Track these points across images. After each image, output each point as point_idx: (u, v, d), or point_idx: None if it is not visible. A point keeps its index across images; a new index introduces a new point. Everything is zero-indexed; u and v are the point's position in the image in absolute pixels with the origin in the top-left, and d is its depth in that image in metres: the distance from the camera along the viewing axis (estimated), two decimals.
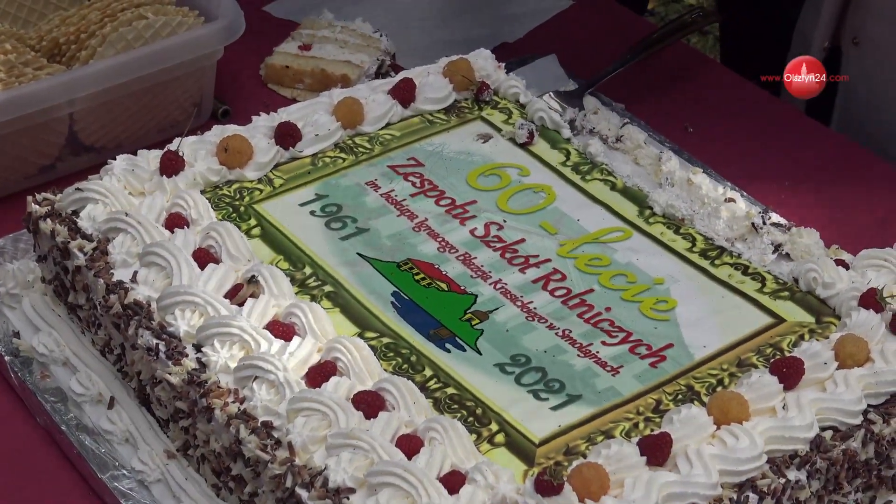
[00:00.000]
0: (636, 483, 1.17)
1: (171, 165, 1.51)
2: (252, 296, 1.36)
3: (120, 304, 1.36)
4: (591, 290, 1.42)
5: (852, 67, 1.92)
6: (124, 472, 1.33)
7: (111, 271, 1.39)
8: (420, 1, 1.99)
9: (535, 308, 1.40)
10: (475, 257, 1.46)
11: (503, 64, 1.73)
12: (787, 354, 1.31)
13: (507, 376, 1.32)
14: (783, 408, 1.24)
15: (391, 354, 1.34)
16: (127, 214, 1.43)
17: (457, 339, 1.37)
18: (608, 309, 1.40)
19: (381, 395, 1.26)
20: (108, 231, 1.43)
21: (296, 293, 1.39)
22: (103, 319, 1.40)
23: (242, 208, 1.51)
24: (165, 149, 1.52)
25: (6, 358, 1.45)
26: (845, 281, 1.41)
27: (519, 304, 1.40)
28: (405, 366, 1.33)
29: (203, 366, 1.30)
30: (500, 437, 1.27)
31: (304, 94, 1.78)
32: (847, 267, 1.43)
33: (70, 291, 1.45)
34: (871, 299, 1.35)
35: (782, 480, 1.21)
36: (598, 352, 1.35)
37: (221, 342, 1.31)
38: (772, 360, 1.30)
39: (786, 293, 1.42)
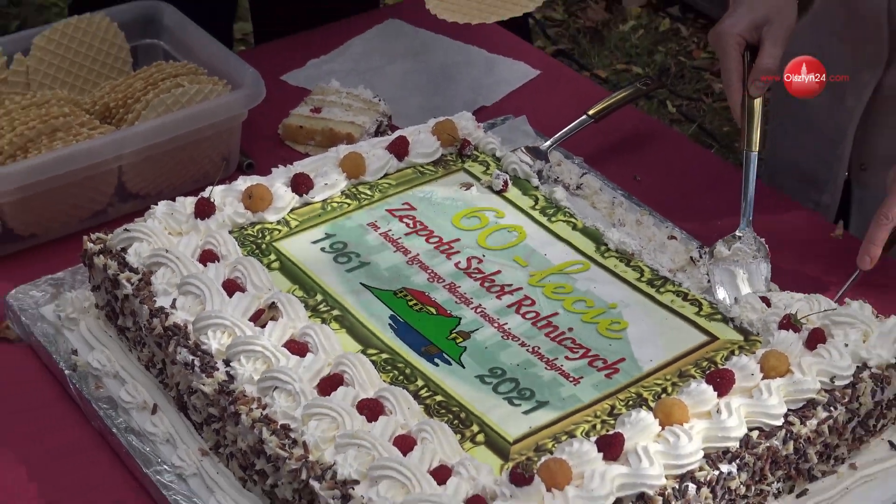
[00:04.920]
0: (594, 475, 1.17)
1: (204, 210, 1.51)
2: (272, 319, 1.36)
3: (161, 327, 1.36)
4: (556, 314, 1.42)
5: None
6: (165, 467, 1.32)
7: (154, 299, 1.39)
8: (412, 72, 1.99)
9: (509, 329, 1.40)
10: (459, 286, 1.46)
11: (482, 124, 1.73)
12: (720, 367, 1.31)
13: (486, 386, 1.32)
14: (717, 412, 1.24)
15: (389, 368, 1.34)
16: (167, 251, 1.43)
17: (444, 354, 1.36)
18: (570, 329, 1.40)
19: (381, 402, 1.26)
20: (151, 265, 1.42)
21: (309, 317, 1.39)
22: (147, 339, 1.40)
23: (264, 246, 1.51)
24: (199, 196, 1.52)
25: (66, 372, 1.44)
26: (766, 312, 1.41)
27: (496, 325, 1.40)
28: (401, 377, 1.33)
29: (231, 378, 1.30)
30: (480, 437, 1.27)
31: (316, 150, 1.77)
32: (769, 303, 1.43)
33: (119, 316, 1.45)
34: (789, 322, 1.36)
35: (716, 472, 1.21)
36: (562, 365, 1.35)
37: (247, 358, 1.31)
38: (707, 372, 1.31)
39: (719, 316, 1.42)
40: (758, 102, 1.56)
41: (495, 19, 1.70)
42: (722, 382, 1.27)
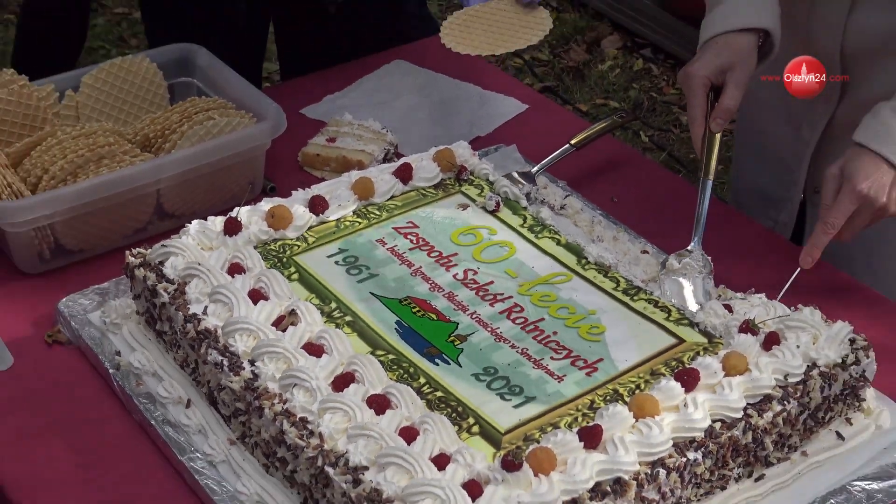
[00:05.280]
0: (576, 462, 1.17)
1: (232, 228, 1.51)
2: (292, 324, 1.36)
3: (194, 331, 1.36)
4: (542, 319, 1.42)
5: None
6: (198, 455, 1.32)
7: (188, 306, 1.39)
8: (415, 106, 1.99)
9: (501, 332, 1.39)
10: (457, 295, 1.45)
11: (477, 152, 1.73)
12: (687, 366, 1.31)
13: (481, 383, 1.32)
14: (684, 406, 1.25)
15: (395, 367, 1.34)
16: (199, 264, 1.43)
17: (443, 355, 1.36)
18: (555, 333, 1.39)
19: (388, 398, 1.26)
20: (185, 276, 1.43)
21: (324, 322, 1.39)
22: (182, 342, 1.40)
23: (285, 259, 1.50)
24: (228, 215, 1.52)
25: (110, 371, 1.44)
26: (728, 317, 1.41)
27: (489, 329, 1.40)
28: (405, 376, 1.33)
29: (256, 376, 1.30)
30: (475, 428, 1.26)
31: (330, 175, 1.77)
32: (730, 309, 1.43)
33: (157, 321, 1.45)
34: (748, 326, 1.36)
35: (684, 459, 1.21)
36: (547, 365, 1.35)
37: (269, 358, 1.31)
38: (675, 371, 1.31)
39: (686, 321, 1.42)
40: (717, 136, 1.56)
41: (502, 51, 1.72)
42: (688, 380, 1.27)
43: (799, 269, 1.51)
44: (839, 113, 1.70)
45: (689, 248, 1.55)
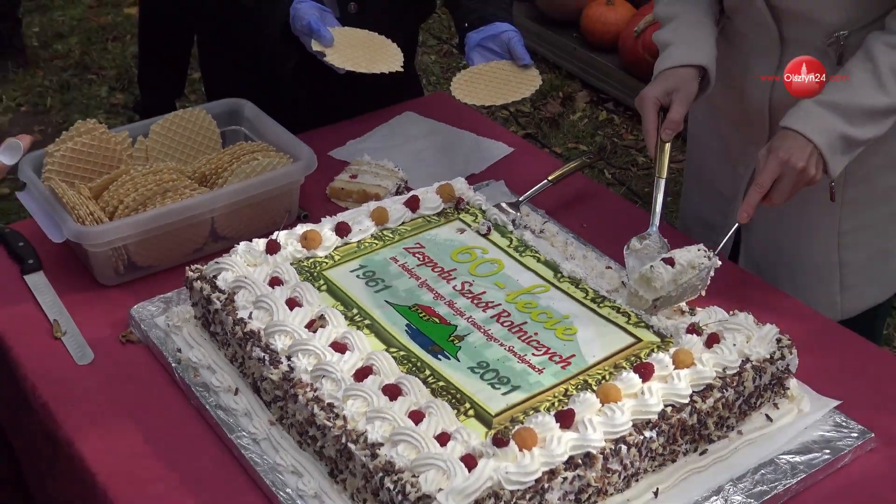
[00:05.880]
0: (553, 439, 1.17)
1: (272, 248, 1.51)
2: (321, 327, 1.36)
3: (241, 332, 1.36)
4: (525, 322, 1.41)
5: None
6: (244, 433, 1.32)
7: (236, 312, 1.39)
8: (422, 149, 1.98)
9: (491, 333, 1.39)
10: (455, 303, 1.45)
11: (472, 186, 1.73)
12: (644, 361, 1.31)
13: (476, 375, 1.32)
14: (641, 393, 1.25)
15: (405, 362, 1.34)
16: (246, 277, 1.43)
17: (444, 352, 1.36)
18: (535, 333, 1.39)
19: (399, 387, 1.26)
20: (234, 288, 1.42)
21: (347, 325, 1.39)
22: (231, 341, 1.39)
23: (315, 274, 1.50)
24: (269, 238, 1.52)
25: (173, 364, 1.44)
26: (678, 320, 1.41)
27: (482, 331, 1.40)
28: (413, 369, 1.32)
29: (291, 369, 1.29)
30: (471, 412, 1.26)
31: (353, 205, 1.77)
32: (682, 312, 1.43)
33: (211, 324, 1.44)
34: (693, 328, 1.36)
35: (641, 437, 1.21)
36: (529, 359, 1.34)
37: (303, 354, 1.31)
38: (634, 365, 1.30)
39: (643, 324, 1.41)
40: (667, 145, 1.57)
41: (502, 102, 1.72)
42: (645, 372, 1.27)
43: (736, 225, 1.52)
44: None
45: (647, 231, 1.55)
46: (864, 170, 1.60)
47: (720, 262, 1.46)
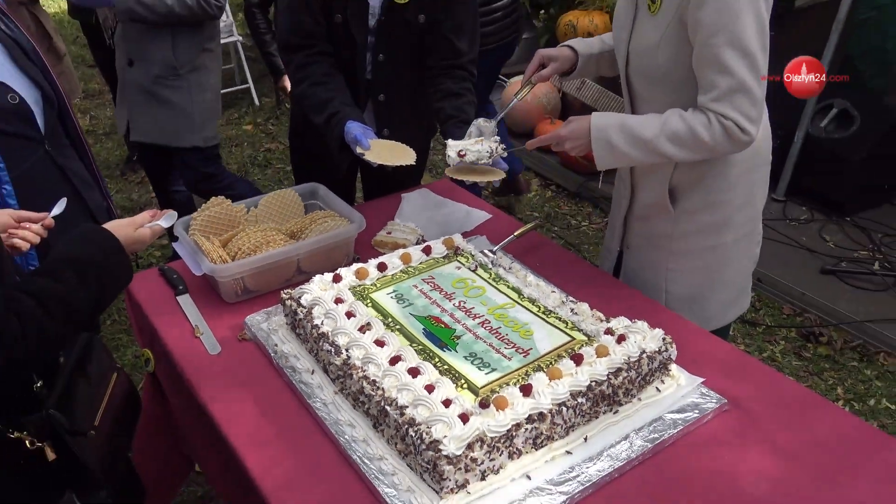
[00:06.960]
0: (518, 403, 1.18)
1: (337, 279, 1.52)
2: (368, 330, 1.37)
3: (316, 333, 1.38)
4: (500, 327, 1.42)
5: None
6: (318, 399, 1.33)
7: (313, 320, 1.40)
8: (433, 216, 1.98)
9: (478, 334, 1.40)
10: (455, 314, 1.46)
11: (465, 239, 1.74)
12: (577, 352, 1.31)
13: (468, 361, 1.33)
14: (575, 373, 1.26)
15: (422, 353, 1.34)
16: (320, 298, 1.44)
17: (448, 347, 1.36)
18: (507, 335, 1.40)
19: (419, 369, 1.27)
20: (312, 305, 1.44)
21: (385, 329, 1.39)
22: (309, 340, 1.41)
23: (364, 296, 1.51)
24: (334, 272, 1.54)
25: (272, 354, 1.44)
26: (600, 325, 1.41)
27: (472, 333, 1.40)
28: (427, 357, 1.33)
29: (349, 357, 1.31)
30: (465, 386, 1.27)
31: (388, 251, 1.79)
32: (601, 318, 1.42)
33: (297, 328, 1.46)
34: (609, 330, 1.37)
35: (575, 402, 1.23)
36: (503, 351, 1.35)
37: (356, 348, 1.32)
38: (571, 354, 1.31)
39: (576, 329, 1.42)
40: (527, 88, 1.64)
41: (481, 180, 1.68)
42: (578, 359, 1.28)
43: (524, 146, 1.54)
44: (635, 199, 1.67)
45: (496, 118, 1.63)
46: (691, 205, 1.51)
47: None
